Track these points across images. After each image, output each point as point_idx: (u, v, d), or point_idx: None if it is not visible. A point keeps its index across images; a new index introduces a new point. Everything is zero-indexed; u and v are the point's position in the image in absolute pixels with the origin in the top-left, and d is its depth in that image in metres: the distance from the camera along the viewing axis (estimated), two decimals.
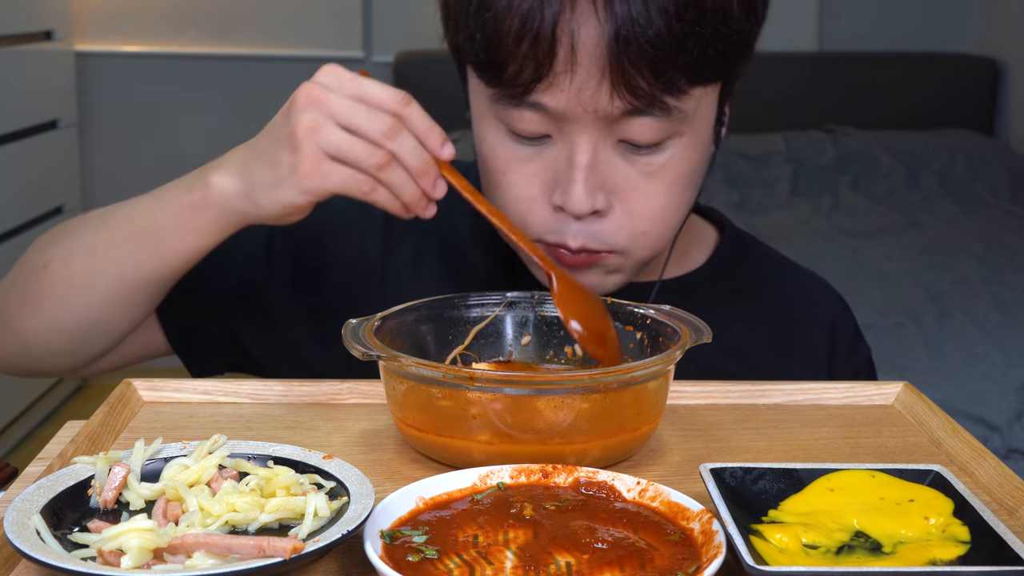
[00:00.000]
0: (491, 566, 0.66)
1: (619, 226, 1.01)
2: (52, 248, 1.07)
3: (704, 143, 1.03)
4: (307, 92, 0.93)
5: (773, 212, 3.45)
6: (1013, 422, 2.37)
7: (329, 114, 0.91)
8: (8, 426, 3.26)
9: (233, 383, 0.99)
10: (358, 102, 0.91)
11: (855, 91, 3.97)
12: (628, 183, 1.00)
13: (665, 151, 0.99)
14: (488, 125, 1.02)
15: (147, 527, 0.68)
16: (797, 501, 0.74)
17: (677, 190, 1.02)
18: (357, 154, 0.90)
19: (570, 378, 0.86)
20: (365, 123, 0.90)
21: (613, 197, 1.00)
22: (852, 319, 1.23)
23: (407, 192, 0.92)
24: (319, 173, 0.91)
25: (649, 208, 1.01)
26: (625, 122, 0.96)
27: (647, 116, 0.96)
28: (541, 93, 0.95)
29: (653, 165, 1.00)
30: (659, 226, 1.03)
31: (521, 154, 1.01)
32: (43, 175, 3.47)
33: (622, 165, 0.99)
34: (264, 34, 3.89)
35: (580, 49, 0.93)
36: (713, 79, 0.99)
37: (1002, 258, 3.07)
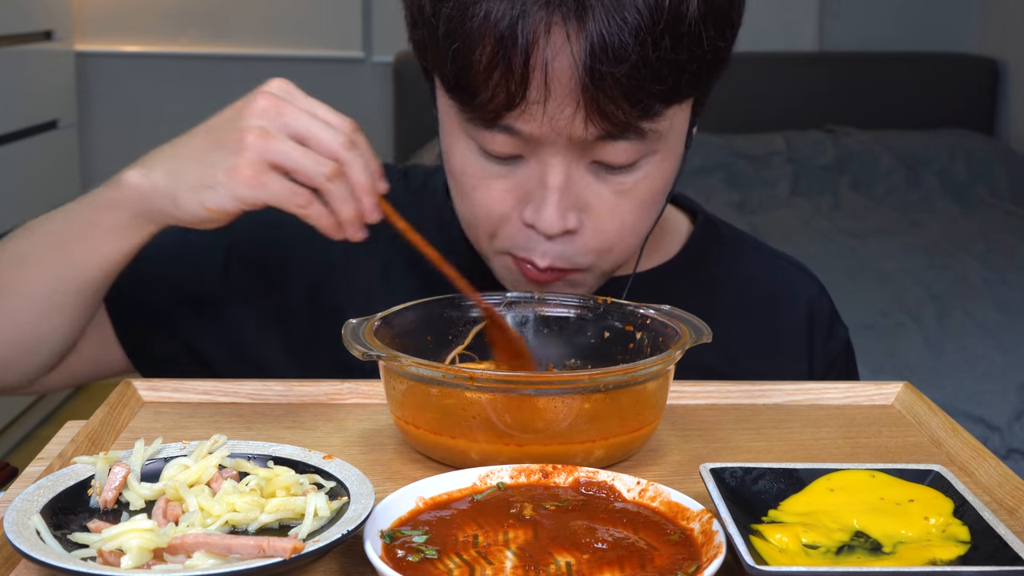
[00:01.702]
0: (491, 566, 0.66)
1: (587, 245, 1.00)
2: None
3: (677, 155, 1.02)
4: (262, 99, 0.90)
5: (773, 212, 3.45)
6: (1013, 422, 2.37)
7: (283, 123, 0.89)
8: (8, 426, 3.26)
9: (233, 383, 0.99)
10: (313, 117, 0.90)
11: (855, 91, 3.97)
12: (600, 201, 0.99)
13: (639, 170, 0.98)
14: (458, 140, 1.00)
15: (147, 527, 0.68)
16: (797, 501, 0.74)
17: (648, 206, 1.01)
18: (307, 164, 0.88)
19: (570, 378, 0.86)
20: (323, 135, 0.89)
21: (584, 215, 0.99)
22: (828, 300, 1.22)
23: (347, 208, 0.89)
24: (257, 181, 0.88)
25: (619, 226, 1.00)
26: (599, 146, 0.95)
27: (621, 140, 0.94)
28: (514, 118, 0.93)
29: (626, 184, 0.98)
30: (627, 241, 1.02)
31: (492, 171, 0.99)
32: (43, 175, 3.47)
33: (594, 184, 0.98)
34: (264, 34, 3.89)
35: (553, 79, 0.90)
36: (688, 96, 0.98)
37: (1002, 258, 3.07)
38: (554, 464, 0.78)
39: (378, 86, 3.93)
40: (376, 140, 3.90)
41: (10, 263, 1.03)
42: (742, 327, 1.16)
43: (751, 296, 1.19)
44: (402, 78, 3.75)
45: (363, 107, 3.93)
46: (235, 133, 0.89)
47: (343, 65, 3.92)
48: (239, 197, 0.90)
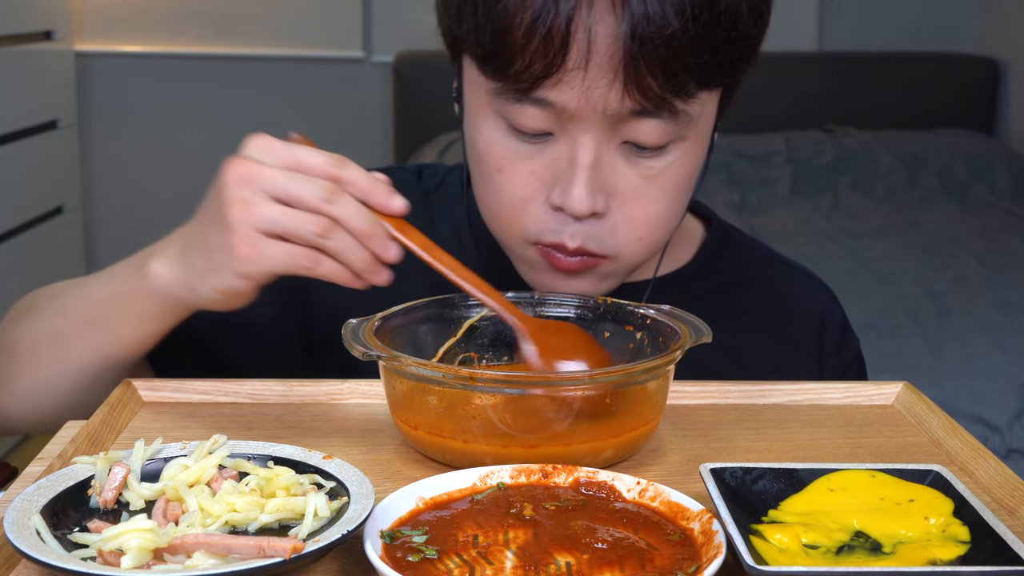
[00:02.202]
0: (491, 566, 0.66)
1: (615, 230, 1.00)
2: (18, 328, 1.05)
3: (704, 147, 1.03)
4: (235, 168, 0.84)
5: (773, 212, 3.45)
6: (1013, 422, 2.37)
7: (260, 188, 0.83)
8: None
9: (233, 383, 0.99)
10: (291, 171, 0.84)
11: (855, 91, 3.97)
12: (628, 186, 0.99)
13: (668, 155, 0.99)
14: (485, 120, 0.99)
15: (147, 527, 0.68)
16: (797, 501, 0.74)
17: (676, 195, 1.01)
18: (295, 226, 0.82)
19: (570, 378, 0.86)
20: (301, 191, 0.83)
21: (612, 199, 0.99)
22: (840, 311, 1.22)
23: (356, 258, 0.84)
24: (255, 254, 0.83)
25: (647, 213, 1.00)
26: (632, 123, 0.95)
27: (654, 118, 0.95)
28: (548, 89, 0.93)
29: (655, 169, 0.99)
30: (655, 231, 1.02)
31: (520, 151, 0.98)
32: (43, 175, 3.46)
33: (624, 167, 0.98)
34: (264, 34, 3.89)
35: (595, 46, 0.91)
36: (719, 83, 0.98)
37: (1002, 258, 3.07)
38: (554, 464, 0.78)
39: (378, 86, 3.93)
40: (376, 140, 3.91)
41: (46, 344, 1.02)
42: (753, 335, 1.16)
43: (762, 304, 1.19)
44: (402, 78, 3.75)
45: (363, 107, 3.94)
46: (220, 210, 0.84)
47: (343, 65, 3.92)
48: (243, 274, 0.85)
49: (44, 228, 3.43)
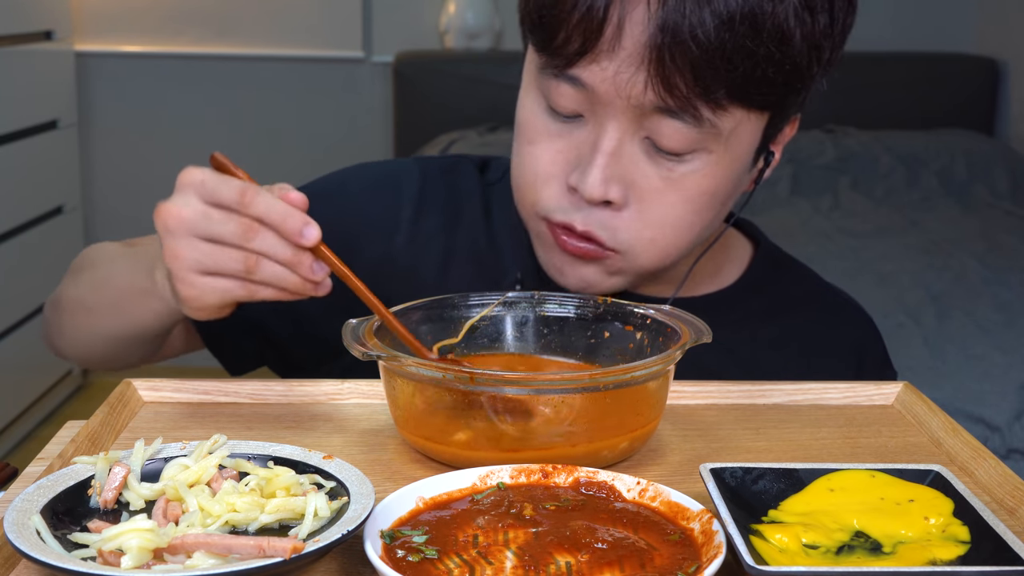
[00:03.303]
0: (491, 566, 0.66)
1: (628, 224, 1.01)
2: (66, 287, 1.15)
3: (735, 171, 1.02)
4: (161, 217, 0.87)
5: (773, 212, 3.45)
6: (1013, 422, 2.37)
7: (186, 231, 0.86)
8: (8, 426, 3.26)
9: (233, 383, 0.99)
10: (211, 207, 0.86)
11: (855, 91, 3.97)
12: (647, 183, 0.99)
13: (689, 163, 0.99)
14: (529, 94, 1.03)
15: (147, 527, 0.68)
16: (797, 501, 0.74)
17: (695, 206, 1.01)
18: (223, 264, 0.86)
19: (570, 378, 0.86)
20: (220, 231, 0.85)
21: (629, 193, 1.00)
22: (881, 345, 1.22)
23: (289, 283, 0.87)
24: (196, 293, 0.87)
25: (663, 215, 1.00)
26: (655, 120, 0.96)
27: (677, 120, 0.95)
28: (582, 68, 0.96)
29: (675, 172, 0.99)
30: (668, 236, 1.02)
31: (552, 129, 1.01)
32: (43, 175, 3.47)
33: (644, 164, 0.99)
34: (264, 34, 3.89)
35: (625, 31, 0.93)
36: (758, 105, 0.97)
37: (1002, 258, 3.06)
38: (554, 464, 0.78)
39: (378, 86, 3.93)
40: (376, 140, 3.90)
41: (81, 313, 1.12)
42: (792, 362, 1.16)
43: (803, 333, 1.18)
44: (402, 78, 3.75)
45: (363, 107, 3.94)
46: (163, 256, 0.89)
47: (343, 65, 3.92)
48: (197, 310, 0.90)
49: (44, 228, 3.43)
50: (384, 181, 1.18)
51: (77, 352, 1.17)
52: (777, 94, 0.97)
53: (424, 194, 1.17)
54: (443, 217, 1.17)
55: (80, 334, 1.14)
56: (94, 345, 1.14)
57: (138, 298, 1.02)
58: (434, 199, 1.17)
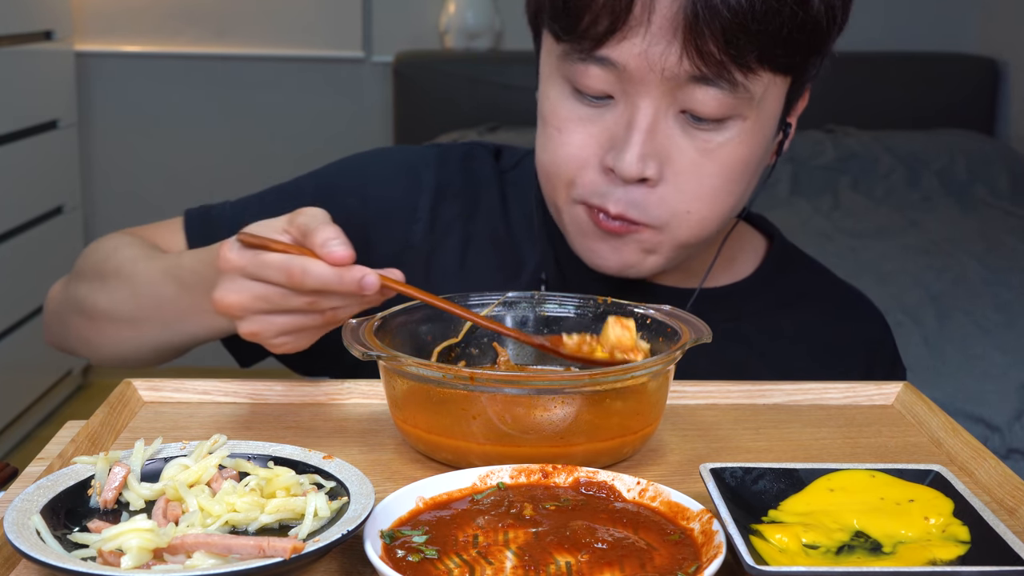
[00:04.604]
0: (491, 566, 0.66)
1: (664, 199, 1.01)
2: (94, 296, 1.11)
3: (765, 138, 1.03)
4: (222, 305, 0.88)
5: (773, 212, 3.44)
6: (1013, 422, 2.37)
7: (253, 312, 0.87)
8: (8, 426, 3.26)
9: (233, 383, 0.99)
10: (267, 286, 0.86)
11: (855, 91, 3.97)
12: (683, 157, 1.00)
13: (726, 131, 0.99)
14: (553, 84, 1.03)
15: (147, 527, 0.68)
16: (797, 501, 0.74)
17: (731, 175, 1.01)
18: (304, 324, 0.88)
19: (570, 378, 0.86)
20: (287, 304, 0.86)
21: (666, 168, 1.00)
22: (891, 341, 1.23)
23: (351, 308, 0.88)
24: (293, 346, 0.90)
25: (699, 187, 1.01)
26: (689, 90, 0.97)
27: (713, 87, 0.96)
28: (611, 48, 0.96)
29: (711, 143, 1.00)
30: (705, 208, 1.02)
31: (582, 114, 1.01)
32: (43, 175, 3.47)
33: (680, 138, 0.99)
34: (264, 34, 3.89)
35: (658, 4, 0.93)
36: (783, 68, 0.99)
37: (1002, 258, 3.06)
38: (554, 464, 0.78)
39: (378, 86, 3.93)
40: (376, 140, 3.90)
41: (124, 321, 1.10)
42: (803, 357, 1.16)
43: (815, 328, 1.19)
44: (402, 78, 3.75)
45: (363, 107, 3.93)
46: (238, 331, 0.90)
47: (343, 65, 3.92)
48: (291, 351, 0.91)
49: (44, 228, 3.43)
50: (402, 168, 1.19)
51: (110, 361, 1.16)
52: (800, 55, 0.99)
53: (442, 182, 1.18)
54: (461, 205, 1.17)
55: (120, 347, 1.12)
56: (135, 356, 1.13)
57: (199, 317, 1.02)
58: (452, 186, 1.18)
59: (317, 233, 0.85)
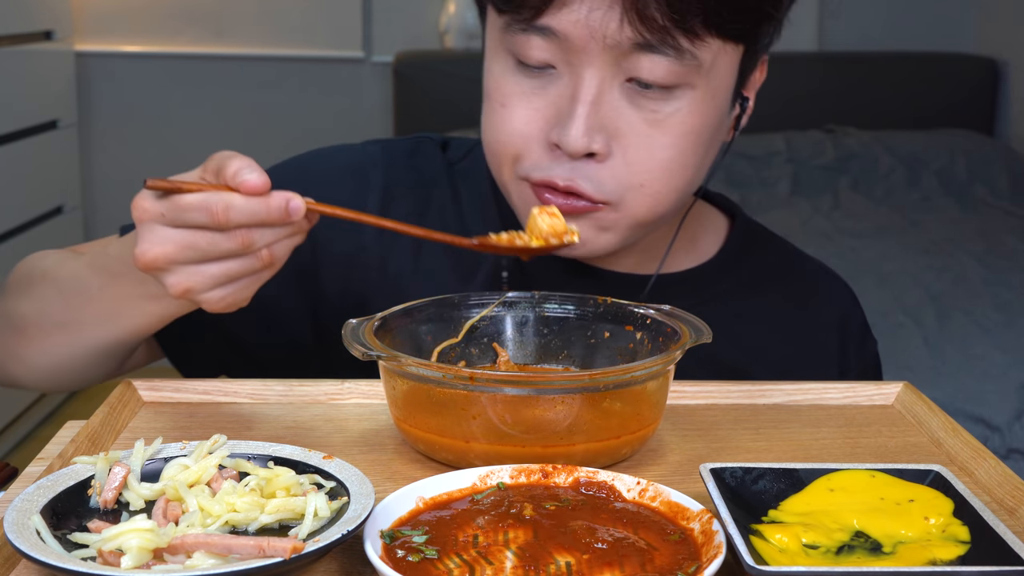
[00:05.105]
0: (491, 566, 0.66)
1: (615, 173, 0.98)
2: (23, 306, 1.05)
3: (718, 108, 1.00)
4: (144, 259, 0.83)
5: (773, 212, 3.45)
6: (1013, 422, 2.37)
7: (181, 263, 0.84)
8: (8, 426, 3.26)
9: (233, 383, 0.99)
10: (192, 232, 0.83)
11: (855, 91, 3.97)
12: (631, 129, 0.97)
13: (675, 100, 0.97)
14: (496, 58, 1.00)
15: (147, 527, 0.68)
16: (797, 501, 0.74)
17: (683, 146, 0.98)
18: (239, 271, 0.84)
19: (570, 378, 0.86)
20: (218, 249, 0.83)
21: (614, 142, 0.97)
22: (861, 312, 1.21)
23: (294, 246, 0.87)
24: (227, 303, 0.86)
25: (650, 159, 0.98)
26: (634, 58, 0.94)
27: (658, 54, 0.93)
28: (551, 16, 0.93)
29: (660, 114, 0.97)
30: (658, 181, 0.99)
31: (525, 87, 0.98)
32: (43, 175, 3.47)
33: (627, 109, 0.97)
34: (264, 34, 3.89)
35: None
36: (733, 36, 0.96)
37: (1002, 258, 3.06)
38: (554, 464, 0.78)
39: (378, 86, 3.93)
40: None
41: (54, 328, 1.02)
42: (773, 331, 1.15)
43: (784, 304, 1.18)
44: (402, 78, 3.75)
45: (363, 107, 3.93)
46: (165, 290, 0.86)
47: (343, 65, 3.92)
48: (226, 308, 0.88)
49: (44, 228, 3.43)
50: (348, 169, 1.15)
51: (41, 378, 1.08)
52: (750, 21, 0.96)
53: (391, 181, 1.14)
54: (412, 203, 1.13)
55: (52, 356, 1.04)
56: (68, 366, 1.05)
57: (132, 304, 0.97)
58: (401, 185, 1.14)
59: (227, 166, 0.83)
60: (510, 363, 0.98)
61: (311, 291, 1.12)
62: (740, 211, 1.21)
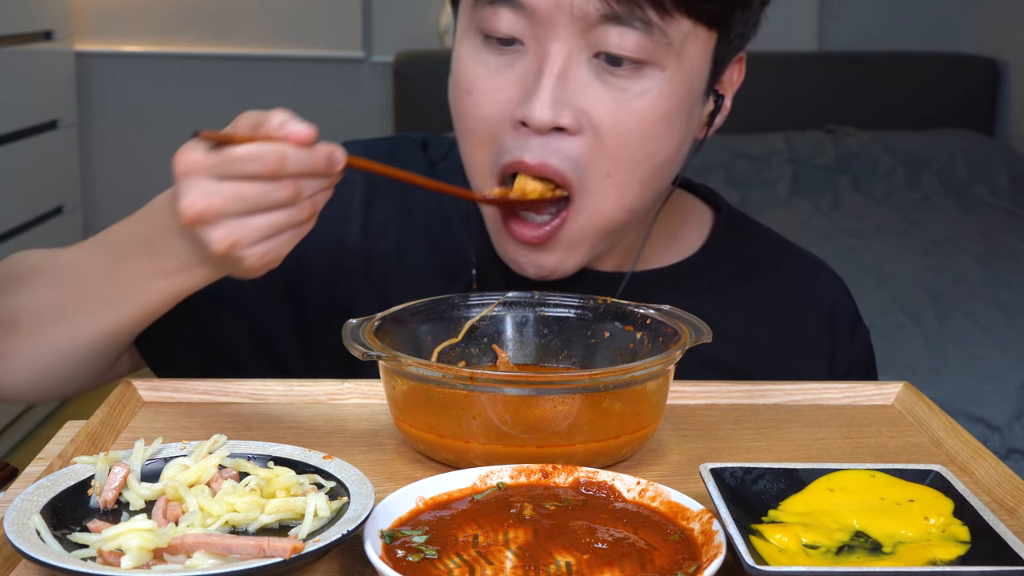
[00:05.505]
0: (491, 566, 0.66)
1: (587, 150, 0.96)
2: (12, 302, 1.02)
3: (689, 95, 0.98)
4: (191, 212, 0.82)
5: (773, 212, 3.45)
6: (1013, 422, 2.37)
7: (232, 215, 0.82)
8: (8, 426, 3.26)
9: (233, 383, 0.99)
10: (242, 182, 0.82)
11: (855, 91, 3.97)
12: (600, 105, 0.95)
13: (644, 79, 0.95)
14: (464, 41, 0.99)
15: (147, 527, 0.68)
16: (797, 501, 0.74)
17: (652, 132, 0.97)
18: (283, 224, 0.84)
19: (570, 378, 0.86)
20: (268, 200, 0.82)
21: (582, 120, 0.95)
22: (851, 301, 1.20)
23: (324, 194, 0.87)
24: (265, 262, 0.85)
25: (617, 138, 0.96)
26: (602, 30, 0.93)
27: (626, 27, 0.92)
28: None
29: (628, 93, 0.95)
30: (625, 170, 0.97)
31: (491, 65, 0.97)
32: (43, 175, 3.47)
33: (595, 85, 0.95)
34: (264, 34, 3.89)
35: None
36: (706, 19, 0.95)
37: (1002, 258, 3.07)
38: (554, 464, 0.78)
39: (378, 86, 3.93)
40: None
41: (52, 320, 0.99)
42: (763, 324, 1.14)
43: (773, 295, 1.16)
44: (402, 78, 3.75)
45: (363, 107, 3.93)
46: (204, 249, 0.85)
47: (343, 65, 3.92)
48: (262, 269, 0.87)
49: (44, 228, 3.43)
50: None
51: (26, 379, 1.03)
52: (723, 6, 0.95)
53: (372, 183, 1.13)
54: (395, 203, 1.13)
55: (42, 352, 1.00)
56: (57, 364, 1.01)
57: (140, 284, 0.94)
58: (383, 185, 1.13)
59: (269, 120, 0.82)
60: (510, 363, 0.98)
61: (295, 293, 1.11)
62: (724, 202, 1.20)
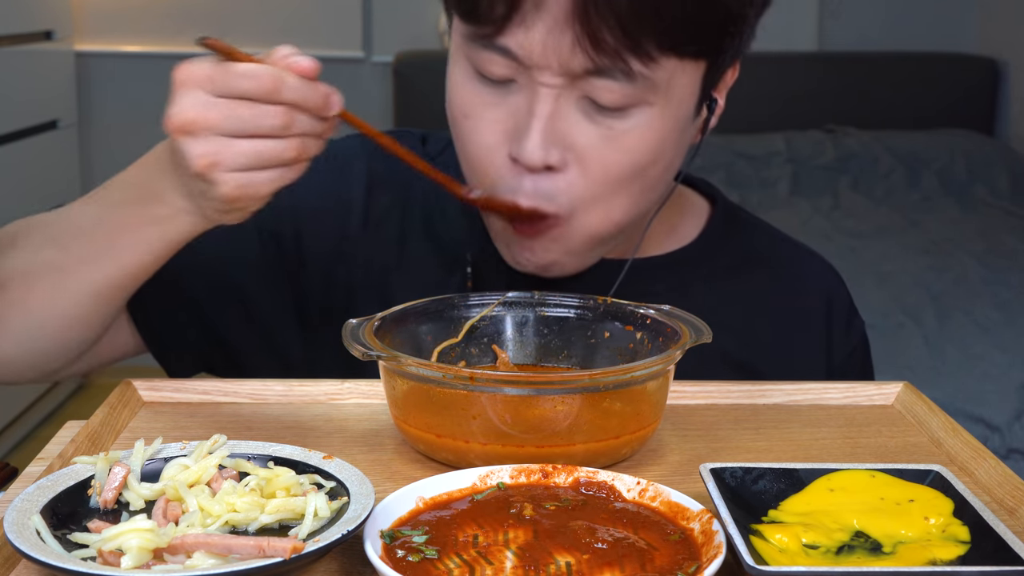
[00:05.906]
0: (491, 566, 0.66)
1: (571, 184, 0.97)
2: (6, 260, 1.01)
3: (679, 122, 0.99)
4: (179, 119, 0.82)
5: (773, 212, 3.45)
6: (1013, 422, 2.37)
7: (218, 134, 0.82)
8: (8, 426, 3.26)
9: (233, 383, 0.99)
10: (236, 101, 0.82)
11: (855, 91, 3.97)
12: (587, 142, 0.96)
13: (630, 118, 0.96)
14: (457, 64, 1.00)
15: (147, 527, 0.68)
16: (797, 501, 0.74)
17: (640, 162, 0.97)
18: (270, 156, 0.83)
19: (570, 378, 0.86)
20: (259, 124, 0.82)
21: (569, 155, 0.96)
22: (847, 292, 1.20)
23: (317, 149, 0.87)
24: (246, 193, 0.84)
25: (604, 173, 0.97)
26: (588, 81, 0.93)
27: (609, 79, 0.93)
28: (509, 37, 0.93)
29: (616, 130, 0.96)
30: (612, 197, 0.98)
31: (486, 98, 0.98)
32: (43, 175, 3.47)
33: (583, 123, 0.96)
34: (264, 34, 3.89)
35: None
36: (691, 53, 0.95)
37: (1002, 258, 3.07)
38: (554, 464, 0.78)
39: (378, 86, 3.93)
40: None
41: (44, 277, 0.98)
42: (759, 316, 1.15)
43: (770, 285, 1.17)
44: (402, 78, 3.75)
45: (363, 107, 3.93)
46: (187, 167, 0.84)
47: (343, 65, 3.92)
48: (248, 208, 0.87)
49: None
50: (330, 162, 1.13)
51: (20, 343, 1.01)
52: (711, 41, 0.95)
53: (373, 171, 1.14)
54: (394, 196, 1.14)
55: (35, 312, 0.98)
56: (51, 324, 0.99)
57: (132, 232, 0.93)
58: (383, 177, 1.14)
59: (277, 50, 0.82)
60: (510, 363, 0.98)
61: (296, 284, 1.12)
62: (721, 195, 1.21)
